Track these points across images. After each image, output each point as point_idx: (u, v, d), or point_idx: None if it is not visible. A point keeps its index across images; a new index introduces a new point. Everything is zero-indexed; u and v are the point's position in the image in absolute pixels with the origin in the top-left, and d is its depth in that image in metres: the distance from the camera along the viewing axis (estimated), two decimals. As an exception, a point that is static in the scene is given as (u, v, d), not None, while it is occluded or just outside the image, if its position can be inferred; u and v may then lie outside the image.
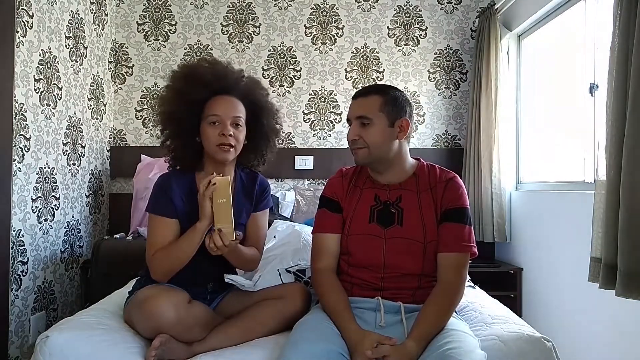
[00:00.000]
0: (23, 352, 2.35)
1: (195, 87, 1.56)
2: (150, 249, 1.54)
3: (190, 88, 1.57)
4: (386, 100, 1.52)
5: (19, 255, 2.33)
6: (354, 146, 1.55)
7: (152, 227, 1.57)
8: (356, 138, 1.52)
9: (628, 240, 1.61)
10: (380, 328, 1.41)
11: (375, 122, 1.51)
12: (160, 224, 1.55)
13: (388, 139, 1.52)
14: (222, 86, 1.60)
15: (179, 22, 3.41)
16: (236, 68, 1.71)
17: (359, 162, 1.58)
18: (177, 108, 1.57)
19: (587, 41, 2.40)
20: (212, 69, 1.62)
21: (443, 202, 1.52)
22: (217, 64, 1.66)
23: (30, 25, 2.36)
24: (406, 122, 1.54)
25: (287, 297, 1.60)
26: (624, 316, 1.97)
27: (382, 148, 1.52)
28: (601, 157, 1.82)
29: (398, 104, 1.53)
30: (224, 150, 1.56)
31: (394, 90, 1.57)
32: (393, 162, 1.56)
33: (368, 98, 1.54)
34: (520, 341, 1.42)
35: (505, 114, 3.03)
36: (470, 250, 1.50)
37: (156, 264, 1.53)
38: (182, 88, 1.58)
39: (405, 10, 3.44)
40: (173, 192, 1.56)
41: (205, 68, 1.62)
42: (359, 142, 1.52)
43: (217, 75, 1.60)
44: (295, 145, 3.43)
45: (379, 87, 1.59)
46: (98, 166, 3.19)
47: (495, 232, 3.02)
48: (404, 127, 1.53)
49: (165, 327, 1.39)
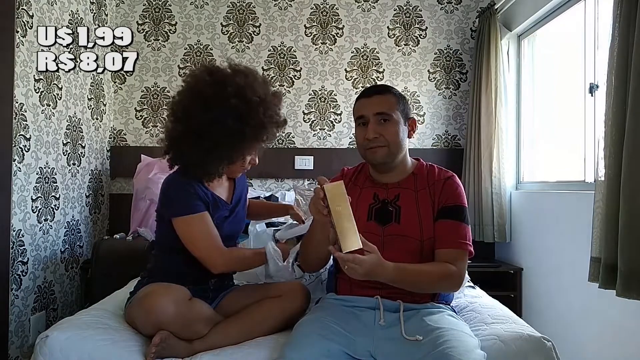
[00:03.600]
0: (23, 352, 2.35)
1: (270, 130, 1.64)
2: (217, 244, 1.57)
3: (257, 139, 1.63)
4: (398, 99, 1.55)
5: (19, 255, 2.33)
6: (372, 145, 1.51)
7: (199, 225, 1.57)
8: (377, 136, 1.50)
9: (628, 240, 1.61)
10: (380, 327, 1.41)
11: (394, 119, 1.51)
12: (205, 220, 1.58)
13: (404, 137, 1.55)
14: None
15: (179, 22, 3.41)
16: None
17: (377, 161, 1.54)
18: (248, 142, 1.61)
19: (587, 41, 2.40)
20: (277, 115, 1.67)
21: (440, 199, 1.53)
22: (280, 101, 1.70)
23: (30, 25, 2.36)
24: (414, 121, 1.59)
25: (287, 295, 1.61)
26: (624, 316, 1.97)
27: (400, 146, 1.53)
28: (601, 157, 1.81)
29: (406, 103, 1.58)
30: (241, 172, 1.76)
31: (398, 91, 1.60)
32: (400, 161, 1.57)
33: (385, 95, 1.54)
34: (520, 341, 1.42)
35: (505, 113, 3.03)
36: (467, 249, 1.49)
37: (230, 259, 1.60)
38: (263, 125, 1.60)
39: (405, 10, 3.44)
40: (196, 187, 1.59)
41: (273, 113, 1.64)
42: (379, 140, 1.50)
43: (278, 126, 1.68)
44: (295, 145, 3.43)
45: (387, 87, 1.60)
46: (98, 166, 3.19)
47: (495, 232, 3.02)
48: (412, 125, 1.58)
49: (165, 322, 1.39)
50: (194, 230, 1.56)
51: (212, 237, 1.57)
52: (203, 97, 1.55)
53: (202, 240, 1.56)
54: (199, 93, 1.56)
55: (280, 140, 3.42)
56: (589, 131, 2.36)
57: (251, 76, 1.62)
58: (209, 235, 1.57)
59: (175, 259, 1.63)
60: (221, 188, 1.72)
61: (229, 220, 1.68)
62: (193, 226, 1.56)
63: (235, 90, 1.55)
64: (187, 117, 1.56)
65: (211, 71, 1.61)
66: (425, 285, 1.45)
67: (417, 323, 1.40)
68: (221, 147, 1.56)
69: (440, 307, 1.50)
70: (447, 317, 1.44)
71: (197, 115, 1.54)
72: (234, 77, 1.58)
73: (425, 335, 1.34)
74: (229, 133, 1.54)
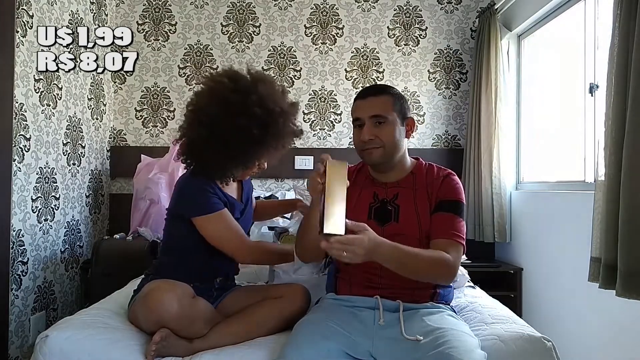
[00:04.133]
0: (23, 352, 2.35)
1: (288, 139, 1.72)
2: (241, 237, 1.64)
3: (285, 141, 1.70)
4: (395, 99, 1.55)
5: (19, 255, 2.33)
6: (368, 146, 1.52)
7: (222, 221, 1.62)
8: (372, 138, 1.51)
9: (628, 240, 1.61)
10: (379, 327, 1.41)
11: (390, 121, 1.51)
12: (227, 217, 1.63)
13: (401, 137, 1.55)
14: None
15: (179, 22, 3.41)
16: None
17: (373, 162, 1.56)
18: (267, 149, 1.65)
19: (587, 41, 2.40)
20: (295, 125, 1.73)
21: (438, 194, 1.53)
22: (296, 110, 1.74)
23: (30, 25, 2.36)
24: (412, 120, 1.58)
25: (287, 296, 1.61)
26: (624, 316, 1.97)
27: (396, 147, 1.53)
28: (601, 157, 1.82)
29: (404, 102, 1.57)
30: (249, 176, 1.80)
31: (396, 90, 1.60)
32: (398, 161, 1.57)
33: (380, 97, 1.54)
34: (520, 341, 1.42)
35: (505, 113, 3.03)
36: (461, 242, 1.48)
37: (254, 249, 1.70)
38: (282, 135, 1.67)
39: (405, 10, 3.44)
40: (214, 187, 1.63)
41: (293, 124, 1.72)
42: (375, 141, 1.51)
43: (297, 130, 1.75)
44: (295, 145, 3.40)
45: (385, 87, 1.61)
46: (98, 166, 3.19)
47: (496, 232, 3.02)
48: (410, 125, 1.58)
49: (167, 318, 1.39)
50: (220, 227, 1.61)
51: (237, 231, 1.64)
52: (227, 103, 1.57)
53: (228, 235, 1.62)
54: (224, 100, 1.57)
55: (280, 140, 3.41)
56: (589, 131, 2.36)
57: (271, 86, 1.67)
58: (234, 230, 1.63)
59: (186, 257, 1.65)
60: (231, 189, 1.74)
61: (239, 220, 1.71)
62: (218, 223, 1.61)
63: (259, 99, 1.58)
64: (212, 123, 1.57)
65: (233, 77, 1.63)
66: (421, 270, 1.40)
67: (417, 323, 1.40)
68: (244, 154, 1.62)
69: (440, 307, 1.50)
70: (447, 317, 1.44)
71: (222, 122, 1.56)
72: (257, 86, 1.61)
73: (425, 335, 1.34)
74: (252, 141, 1.59)
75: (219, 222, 1.61)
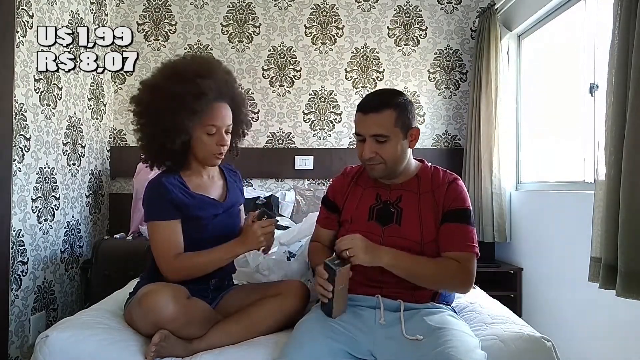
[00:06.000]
0: (23, 352, 2.35)
1: (199, 99, 1.53)
2: (168, 254, 1.54)
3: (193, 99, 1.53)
4: (399, 113, 1.49)
5: (19, 255, 2.33)
6: (369, 162, 1.52)
7: (160, 232, 1.56)
8: (373, 155, 1.50)
9: (628, 240, 1.61)
10: (380, 326, 1.41)
11: (392, 138, 1.49)
12: (167, 229, 1.55)
13: (404, 150, 1.53)
14: (220, 94, 1.60)
15: (179, 22, 3.41)
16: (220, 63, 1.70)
17: (375, 177, 1.56)
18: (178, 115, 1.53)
19: (587, 41, 2.40)
20: (211, 75, 1.58)
21: (445, 203, 1.52)
22: (214, 68, 1.63)
23: (30, 25, 2.36)
24: (417, 130, 1.54)
25: (286, 294, 1.60)
26: (624, 316, 1.97)
27: (398, 161, 1.53)
28: (601, 157, 1.81)
29: (408, 113, 1.52)
30: (217, 158, 1.64)
31: (400, 98, 1.52)
32: (402, 169, 1.57)
33: (382, 114, 1.48)
34: (520, 341, 1.42)
35: (505, 113, 3.03)
36: (474, 251, 1.50)
37: (178, 269, 1.54)
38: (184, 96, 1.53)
39: (405, 10, 3.44)
40: (171, 192, 1.56)
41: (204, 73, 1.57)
42: (376, 158, 1.50)
43: (217, 83, 1.59)
44: (295, 145, 3.43)
45: (388, 99, 1.51)
46: (98, 166, 3.19)
47: (495, 232, 3.02)
48: (414, 135, 1.54)
49: (163, 321, 1.39)
50: (155, 238, 1.57)
51: (170, 248, 1.55)
52: (147, 85, 1.61)
53: (159, 248, 1.56)
54: (145, 84, 1.62)
55: (280, 140, 3.42)
56: (589, 131, 2.36)
57: (187, 56, 1.69)
58: (167, 246, 1.55)
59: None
60: (212, 187, 1.70)
61: (219, 218, 1.65)
62: (154, 233, 1.57)
63: (173, 67, 1.61)
64: (141, 107, 1.60)
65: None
66: (430, 274, 1.46)
67: (418, 323, 1.40)
68: (163, 116, 1.54)
69: (441, 307, 1.50)
70: (447, 317, 1.44)
71: (148, 102, 1.58)
72: (171, 61, 1.65)
73: (425, 335, 1.34)
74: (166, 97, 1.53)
75: (155, 232, 1.56)
